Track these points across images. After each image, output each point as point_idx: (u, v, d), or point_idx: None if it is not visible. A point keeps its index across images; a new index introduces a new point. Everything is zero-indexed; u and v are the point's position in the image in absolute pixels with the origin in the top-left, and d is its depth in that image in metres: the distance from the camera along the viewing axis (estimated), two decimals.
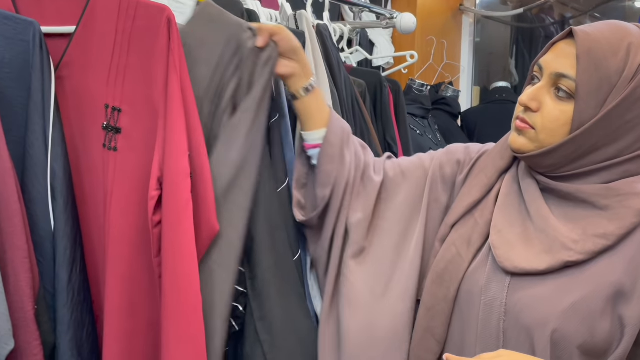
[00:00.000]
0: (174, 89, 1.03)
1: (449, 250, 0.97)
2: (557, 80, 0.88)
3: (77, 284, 1.05)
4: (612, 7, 3.69)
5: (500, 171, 0.99)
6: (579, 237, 0.85)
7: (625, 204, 0.85)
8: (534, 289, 0.87)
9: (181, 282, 1.03)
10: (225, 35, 1.01)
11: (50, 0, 1.06)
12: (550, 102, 0.88)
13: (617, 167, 0.87)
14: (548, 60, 0.90)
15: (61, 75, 1.05)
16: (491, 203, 0.97)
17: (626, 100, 0.84)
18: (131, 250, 1.06)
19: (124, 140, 1.05)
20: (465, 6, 3.48)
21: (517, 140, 0.93)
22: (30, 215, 1.02)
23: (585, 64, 0.84)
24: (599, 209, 0.86)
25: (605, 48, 0.85)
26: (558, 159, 0.89)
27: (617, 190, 0.86)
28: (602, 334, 0.84)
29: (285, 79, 1.11)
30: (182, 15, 1.03)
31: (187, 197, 1.04)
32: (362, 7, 2.09)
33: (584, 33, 0.86)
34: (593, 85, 0.84)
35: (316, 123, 1.11)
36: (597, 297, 0.84)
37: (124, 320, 1.06)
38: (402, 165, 1.13)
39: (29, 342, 1.00)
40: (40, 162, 1.01)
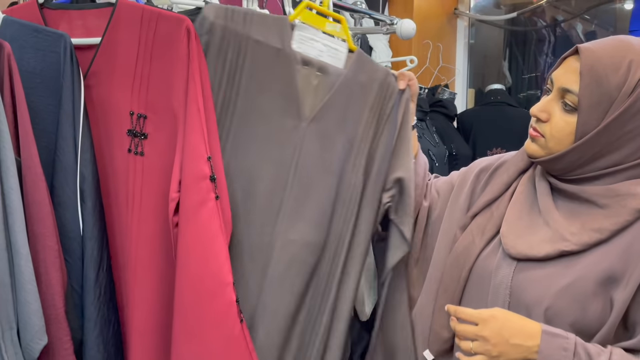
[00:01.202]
0: (193, 96, 1.09)
1: (466, 237, 1.09)
2: (563, 94, 0.97)
3: (104, 283, 1.11)
4: (602, 9, 3.78)
5: (520, 171, 1.10)
6: (577, 230, 0.95)
7: (622, 203, 0.93)
8: (535, 273, 0.98)
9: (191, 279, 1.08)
10: (378, 79, 1.16)
11: (77, 14, 1.12)
12: (558, 113, 0.98)
13: (621, 173, 0.95)
14: (558, 75, 0.99)
15: (89, 84, 1.11)
16: (507, 199, 1.08)
17: (625, 112, 0.92)
18: (161, 249, 1.12)
19: (150, 145, 1.11)
20: (460, 10, 3.55)
21: (530, 146, 1.03)
22: (59, 218, 1.08)
23: (587, 80, 0.92)
24: (599, 207, 0.95)
25: (607, 65, 0.92)
26: (565, 164, 0.98)
27: (616, 191, 0.94)
28: (594, 313, 0.94)
29: None
30: (338, 60, 1.13)
31: (201, 199, 1.09)
32: (362, 14, 2.15)
33: (589, 50, 0.94)
34: (594, 99, 0.92)
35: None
36: (589, 280, 0.93)
37: (153, 315, 1.12)
38: (437, 185, 1.29)
39: (60, 337, 1.05)
40: (70, 168, 1.07)
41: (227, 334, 1.09)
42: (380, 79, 1.16)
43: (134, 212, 1.13)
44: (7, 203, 0.97)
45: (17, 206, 0.98)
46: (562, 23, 3.90)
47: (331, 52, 1.12)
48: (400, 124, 1.18)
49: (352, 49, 1.15)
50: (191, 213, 1.09)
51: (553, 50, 3.89)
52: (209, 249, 1.09)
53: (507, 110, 2.95)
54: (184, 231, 1.09)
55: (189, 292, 1.08)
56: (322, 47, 1.12)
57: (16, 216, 0.98)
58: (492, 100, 3.00)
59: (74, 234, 1.09)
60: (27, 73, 1.06)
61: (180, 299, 1.09)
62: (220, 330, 1.09)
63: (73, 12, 1.13)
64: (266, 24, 1.08)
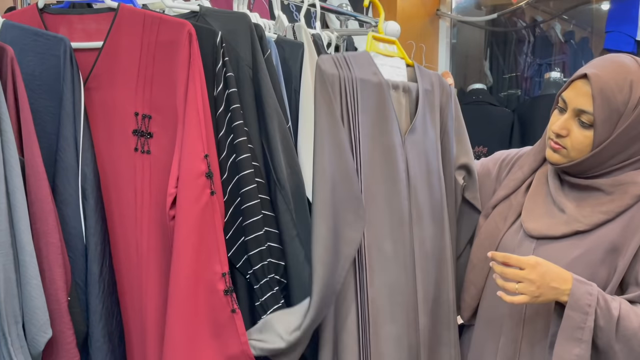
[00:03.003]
0: (192, 97, 1.14)
1: (490, 224, 1.32)
2: (579, 114, 1.17)
3: (107, 277, 1.15)
4: (580, 10, 3.87)
5: (533, 169, 1.33)
6: (588, 213, 1.17)
7: (625, 190, 1.16)
8: (552, 247, 1.19)
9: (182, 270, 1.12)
10: (437, 83, 1.35)
11: (77, 18, 1.15)
12: (576, 129, 1.18)
13: (627, 167, 1.18)
14: (570, 97, 1.18)
15: (90, 87, 1.15)
16: (523, 191, 1.31)
17: (632, 122, 1.14)
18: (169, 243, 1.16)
19: (155, 144, 1.15)
20: (442, 11, 3.62)
21: (553, 155, 1.23)
22: (61, 216, 1.11)
23: (599, 101, 1.13)
24: (606, 194, 1.17)
25: (613, 86, 1.13)
26: (584, 168, 1.20)
27: (620, 180, 1.17)
28: (601, 279, 1.15)
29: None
30: (403, 76, 1.30)
31: (196, 195, 1.14)
32: (348, 16, 2.20)
33: (596, 76, 1.13)
34: (606, 116, 1.13)
35: None
36: (597, 251, 1.15)
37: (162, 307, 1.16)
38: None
39: (63, 331, 1.09)
40: (72, 167, 1.11)
41: (215, 322, 1.14)
42: (437, 82, 1.34)
43: (144, 207, 1.17)
44: (12, 202, 1.00)
45: (22, 205, 1.01)
46: (541, 24, 3.99)
47: (397, 71, 1.29)
48: (456, 115, 1.37)
49: (409, 64, 1.32)
50: (186, 207, 1.14)
51: (533, 50, 3.98)
52: (202, 241, 1.14)
53: (489, 109, 3.03)
54: (179, 224, 1.14)
55: (181, 281, 1.13)
56: (390, 69, 1.28)
57: (21, 214, 1.01)
58: (474, 99, 3.07)
59: (76, 230, 1.13)
60: (27, 76, 1.10)
61: (173, 288, 1.13)
62: (209, 318, 1.14)
63: (73, 16, 1.16)
64: (360, 62, 1.22)
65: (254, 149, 1.25)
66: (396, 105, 1.24)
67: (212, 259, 1.15)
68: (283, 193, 1.27)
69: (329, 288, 1.14)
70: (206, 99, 1.15)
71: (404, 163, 1.24)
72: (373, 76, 1.21)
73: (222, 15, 1.30)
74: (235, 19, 1.31)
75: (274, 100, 1.28)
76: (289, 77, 1.46)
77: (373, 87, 1.21)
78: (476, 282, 1.32)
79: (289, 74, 1.46)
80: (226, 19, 1.29)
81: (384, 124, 1.21)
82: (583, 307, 1.08)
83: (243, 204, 1.22)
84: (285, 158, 1.28)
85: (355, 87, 1.18)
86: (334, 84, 1.16)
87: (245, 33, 1.28)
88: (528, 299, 1.10)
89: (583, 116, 1.15)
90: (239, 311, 1.16)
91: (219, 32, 1.21)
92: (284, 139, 1.29)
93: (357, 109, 1.18)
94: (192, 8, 1.31)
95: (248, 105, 1.26)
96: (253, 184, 1.22)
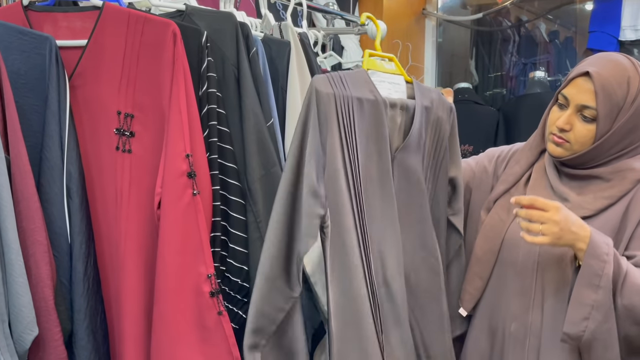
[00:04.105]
0: (176, 96, 1.14)
1: (493, 217, 1.36)
2: (582, 109, 1.23)
3: (92, 276, 1.15)
4: (564, 10, 3.92)
5: (530, 163, 1.38)
6: (591, 200, 1.23)
7: (623, 176, 1.23)
8: None
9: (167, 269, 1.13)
10: (436, 100, 1.35)
11: (62, 16, 1.15)
12: (579, 123, 1.24)
13: (623, 157, 1.25)
14: (572, 94, 1.24)
15: (74, 85, 1.15)
16: (523, 184, 1.36)
17: (631, 115, 1.22)
18: (148, 241, 1.17)
19: (137, 143, 1.15)
20: (428, 10, 3.65)
21: (556, 149, 1.28)
22: (46, 214, 1.11)
23: (602, 97, 1.20)
24: (605, 182, 1.24)
25: (613, 83, 1.20)
26: (585, 159, 1.26)
27: (618, 167, 1.24)
28: None
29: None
30: (402, 93, 1.31)
31: (178, 194, 1.14)
32: (334, 15, 2.21)
33: (597, 74, 1.21)
34: (607, 110, 1.21)
35: None
36: (603, 231, 1.19)
37: (144, 304, 1.16)
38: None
39: (50, 328, 1.09)
40: (57, 165, 1.11)
41: (201, 324, 1.14)
42: (437, 98, 1.36)
43: (122, 207, 1.17)
44: None
45: (8, 203, 1.01)
46: (526, 23, 4.03)
47: (395, 87, 1.30)
48: (451, 128, 1.38)
49: (408, 81, 1.33)
50: (169, 207, 1.14)
51: (518, 50, 4.02)
52: (186, 242, 1.14)
53: (474, 108, 3.05)
54: (162, 224, 1.14)
55: (165, 281, 1.13)
56: (389, 86, 1.28)
57: (7, 212, 1.01)
58: (460, 98, 3.10)
59: (61, 229, 1.13)
60: (12, 74, 1.09)
61: (159, 290, 1.14)
62: (195, 320, 1.14)
63: (58, 14, 1.16)
64: (356, 80, 1.22)
65: (235, 150, 1.25)
66: (390, 123, 1.24)
67: (196, 260, 1.15)
68: (249, 194, 1.26)
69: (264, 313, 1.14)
70: (192, 99, 1.15)
71: (392, 181, 1.24)
72: (369, 94, 1.21)
73: (208, 14, 1.31)
74: (221, 19, 1.31)
75: (251, 100, 1.28)
76: (275, 76, 1.47)
77: (370, 105, 1.21)
78: (482, 274, 1.35)
79: (276, 73, 1.47)
80: (212, 18, 1.30)
81: (379, 142, 1.22)
82: (601, 255, 1.12)
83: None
84: (259, 159, 1.27)
85: (350, 105, 1.18)
86: (329, 103, 1.15)
87: (231, 32, 1.28)
88: (549, 240, 1.14)
89: (586, 111, 1.22)
90: (225, 313, 1.16)
91: (204, 32, 1.21)
92: (260, 140, 1.28)
93: (354, 127, 1.18)
94: (178, 7, 1.31)
95: (232, 105, 1.27)
96: (216, 185, 1.22)
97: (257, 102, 1.29)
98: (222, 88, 1.26)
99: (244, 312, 1.24)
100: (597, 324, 1.11)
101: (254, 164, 1.26)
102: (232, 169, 1.24)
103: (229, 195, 1.25)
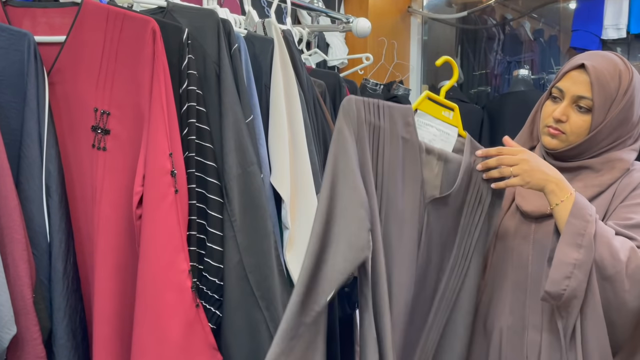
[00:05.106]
0: (157, 94, 1.14)
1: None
2: (577, 100, 1.27)
3: (71, 274, 1.14)
4: (548, 9, 3.94)
5: None
6: (581, 189, 1.24)
7: (612, 165, 1.27)
8: (552, 224, 1.23)
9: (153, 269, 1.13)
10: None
11: (41, 12, 1.14)
12: (574, 114, 1.27)
13: (612, 149, 1.28)
14: (567, 86, 1.28)
15: (53, 81, 1.14)
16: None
17: (624, 106, 1.26)
18: (120, 241, 1.16)
19: (112, 141, 1.14)
20: (413, 8, 3.65)
21: (551, 141, 1.30)
22: (25, 212, 1.11)
23: (597, 88, 1.24)
24: (595, 171, 1.28)
25: (606, 75, 1.25)
26: (579, 151, 1.29)
27: (608, 158, 1.28)
28: None
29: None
30: (449, 144, 1.27)
31: (163, 192, 1.15)
32: (319, 12, 2.21)
33: (592, 67, 1.25)
34: (602, 100, 1.25)
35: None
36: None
37: (114, 304, 1.16)
38: None
39: (29, 327, 1.09)
40: (36, 163, 1.10)
41: (184, 320, 1.14)
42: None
43: (95, 205, 1.17)
44: None
45: None
46: (511, 21, 4.05)
47: (443, 136, 1.27)
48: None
49: (462, 135, 1.29)
50: (154, 206, 1.14)
51: (502, 48, 4.04)
52: (168, 239, 1.15)
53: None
54: (146, 223, 1.14)
55: (149, 279, 1.13)
56: (436, 132, 1.26)
57: None
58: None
59: (40, 227, 1.12)
60: None
61: (142, 286, 1.13)
62: (178, 316, 1.14)
63: (37, 10, 1.15)
64: (397, 115, 1.20)
65: (215, 149, 1.25)
66: (426, 169, 1.21)
67: (179, 256, 1.15)
68: (225, 192, 1.26)
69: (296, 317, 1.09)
70: (171, 97, 1.15)
71: (419, 225, 1.21)
72: (405, 132, 1.19)
73: (189, 11, 1.30)
74: (203, 16, 1.31)
75: (230, 97, 1.27)
76: (259, 73, 1.46)
77: (403, 142, 1.19)
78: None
79: (259, 70, 1.46)
80: (194, 16, 1.29)
81: (410, 180, 1.19)
82: (585, 215, 1.15)
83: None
84: (236, 157, 1.26)
85: (381, 136, 1.17)
86: (362, 125, 1.15)
87: (213, 29, 1.28)
88: (521, 179, 1.18)
89: (582, 102, 1.25)
90: (201, 305, 1.18)
91: (185, 29, 1.21)
92: (238, 139, 1.27)
93: (382, 155, 1.17)
94: (159, 3, 1.30)
95: (214, 103, 1.26)
96: (193, 184, 1.21)
97: (236, 99, 1.28)
98: (203, 85, 1.25)
99: (221, 312, 1.24)
100: (578, 282, 1.13)
101: (230, 162, 1.25)
102: (212, 167, 1.24)
103: (208, 193, 1.24)
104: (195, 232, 1.22)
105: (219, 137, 1.26)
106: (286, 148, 1.40)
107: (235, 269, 1.24)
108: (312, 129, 1.58)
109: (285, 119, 1.43)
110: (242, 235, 1.25)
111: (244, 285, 1.24)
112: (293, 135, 1.45)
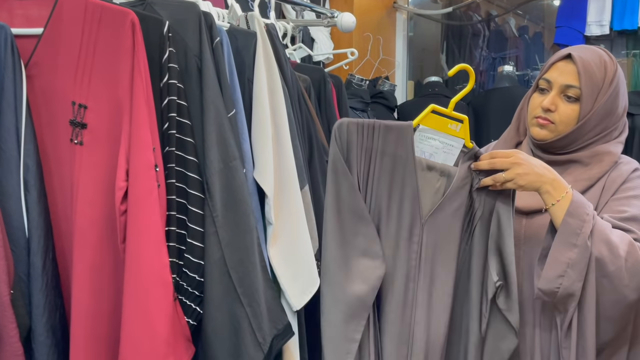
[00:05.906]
0: (139, 87, 1.12)
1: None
2: (565, 89, 1.28)
3: (50, 271, 1.13)
4: (532, 5, 3.97)
5: None
6: (571, 182, 1.24)
7: (601, 159, 1.28)
8: (542, 219, 1.25)
9: (142, 264, 1.12)
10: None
11: (18, 4, 1.12)
12: (562, 104, 1.28)
13: (599, 141, 1.29)
14: (555, 76, 1.29)
15: (30, 74, 1.12)
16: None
17: (610, 96, 1.27)
18: (97, 238, 1.14)
19: (89, 135, 1.13)
20: (399, 4, 3.66)
21: (540, 132, 1.30)
22: (3, 208, 1.09)
23: (584, 77, 1.26)
24: (584, 165, 1.29)
25: (592, 65, 1.27)
26: (567, 142, 1.29)
27: (596, 151, 1.29)
28: None
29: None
30: (452, 155, 1.21)
31: (149, 187, 1.13)
32: (304, 6, 2.20)
33: (579, 57, 1.27)
34: (590, 89, 1.26)
35: None
36: None
37: (90, 302, 1.14)
38: None
39: (5, 325, 1.07)
40: (14, 158, 1.08)
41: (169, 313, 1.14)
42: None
43: (70, 200, 1.15)
44: None
45: None
46: (496, 18, 4.07)
47: (446, 148, 1.21)
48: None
49: (468, 146, 1.21)
50: (140, 201, 1.13)
51: (487, 44, 4.06)
52: (154, 234, 1.13)
53: (445, 102, 3.05)
54: (132, 218, 1.13)
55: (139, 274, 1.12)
56: (439, 145, 1.20)
57: None
58: (430, 92, 3.11)
59: (18, 223, 1.10)
60: None
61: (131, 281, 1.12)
62: (165, 310, 1.13)
63: (14, 1, 1.13)
64: (394, 135, 1.17)
65: (196, 143, 1.23)
66: (424, 186, 1.19)
67: (162, 251, 1.15)
68: (206, 187, 1.24)
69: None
70: (150, 90, 1.13)
71: (417, 245, 1.20)
72: (402, 152, 1.17)
73: (170, 3, 1.28)
74: (184, 8, 1.29)
75: (212, 91, 1.25)
76: (242, 67, 1.45)
77: (397, 161, 1.17)
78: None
79: (242, 64, 1.45)
80: (175, 8, 1.28)
81: (404, 202, 1.18)
82: (582, 214, 1.15)
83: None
84: (218, 152, 1.25)
85: (373, 158, 1.16)
86: (351, 151, 1.15)
87: (194, 22, 1.26)
88: (515, 183, 1.17)
89: (570, 91, 1.27)
90: (177, 297, 1.18)
91: (166, 22, 1.19)
92: (220, 133, 1.25)
93: (372, 179, 1.17)
94: None
95: (195, 97, 1.25)
96: (172, 179, 1.20)
97: (218, 93, 1.27)
98: (184, 79, 1.24)
99: (201, 308, 1.23)
100: (571, 281, 1.13)
101: (212, 157, 1.24)
102: (192, 162, 1.22)
103: (188, 189, 1.23)
104: (175, 228, 1.20)
105: (200, 132, 1.24)
106: (270, 143, 1.39)
107: (216, 265, 1.23)
108: (297, 123, 1.57)
109: (268, 114, 1.41)
110: (224, 231, 1.23)
111: (225, 282, 1.23)
112: (277, 130, 1.44)
